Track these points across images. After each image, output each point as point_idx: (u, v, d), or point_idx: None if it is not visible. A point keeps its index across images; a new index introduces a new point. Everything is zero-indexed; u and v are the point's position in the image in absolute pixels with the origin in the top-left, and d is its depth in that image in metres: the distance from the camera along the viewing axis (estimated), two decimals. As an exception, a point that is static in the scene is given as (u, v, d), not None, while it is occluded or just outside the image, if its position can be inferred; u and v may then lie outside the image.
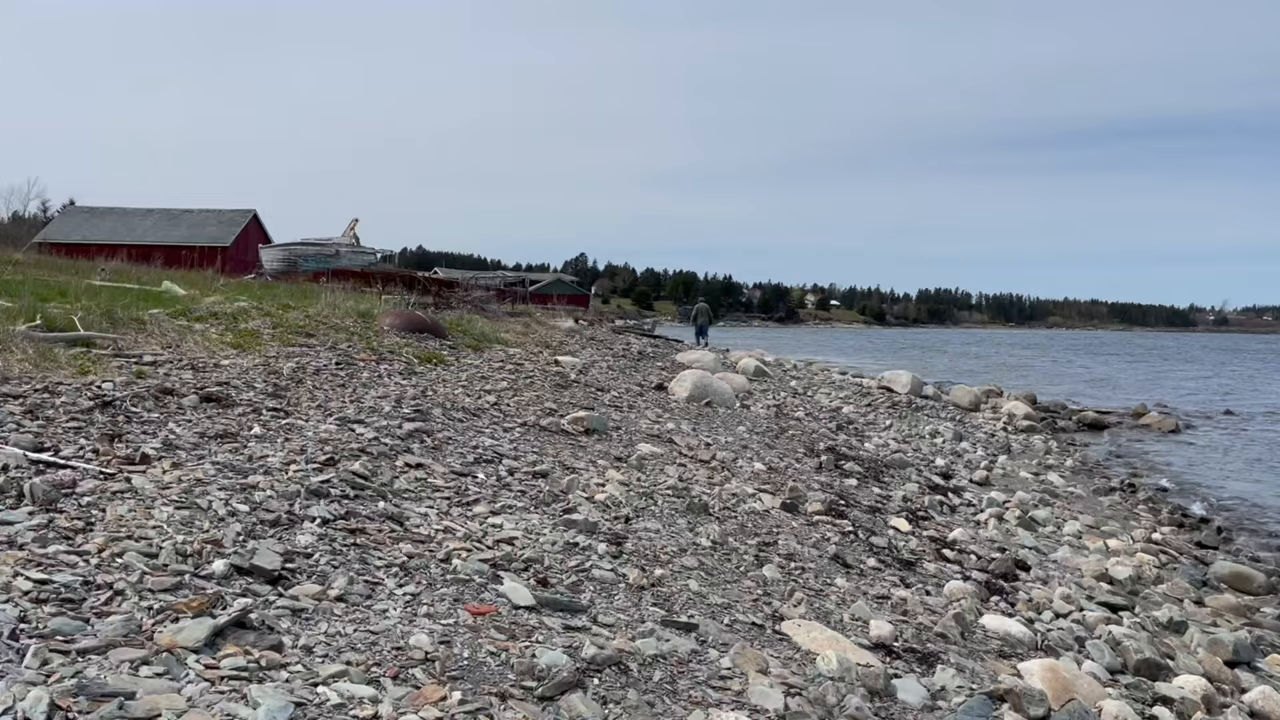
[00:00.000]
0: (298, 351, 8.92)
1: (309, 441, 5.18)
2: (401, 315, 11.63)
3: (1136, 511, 10.78)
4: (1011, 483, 11.50)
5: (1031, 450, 14.92)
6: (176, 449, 4.61)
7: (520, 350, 12.98)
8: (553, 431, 7.57)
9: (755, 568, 4.99)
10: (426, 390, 7.90)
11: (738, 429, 10.49)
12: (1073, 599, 6.27)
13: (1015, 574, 6.74)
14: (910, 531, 7.29)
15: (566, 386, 10.16)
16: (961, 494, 9.81)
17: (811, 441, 10.79)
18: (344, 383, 7.70)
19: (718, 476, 7.62)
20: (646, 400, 11.02)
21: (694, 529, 5.38)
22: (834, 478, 8.93)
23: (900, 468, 10.41)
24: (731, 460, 8.52)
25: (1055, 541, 8.40)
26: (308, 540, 3.55)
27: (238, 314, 10.45)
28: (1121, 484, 12.41)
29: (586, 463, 6.84)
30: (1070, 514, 9.88)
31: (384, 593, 3.29)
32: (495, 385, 8.99)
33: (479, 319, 15.59)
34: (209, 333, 9.30)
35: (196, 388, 6.26)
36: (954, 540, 7.40)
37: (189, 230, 46.63)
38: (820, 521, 6.88)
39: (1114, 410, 22.25)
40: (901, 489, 9.26)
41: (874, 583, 5.51)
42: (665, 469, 7.37)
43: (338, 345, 9.64)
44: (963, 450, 13.30)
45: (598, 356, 15.13)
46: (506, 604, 3.45)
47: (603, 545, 4.45)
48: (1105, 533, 9.18)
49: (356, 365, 8.72)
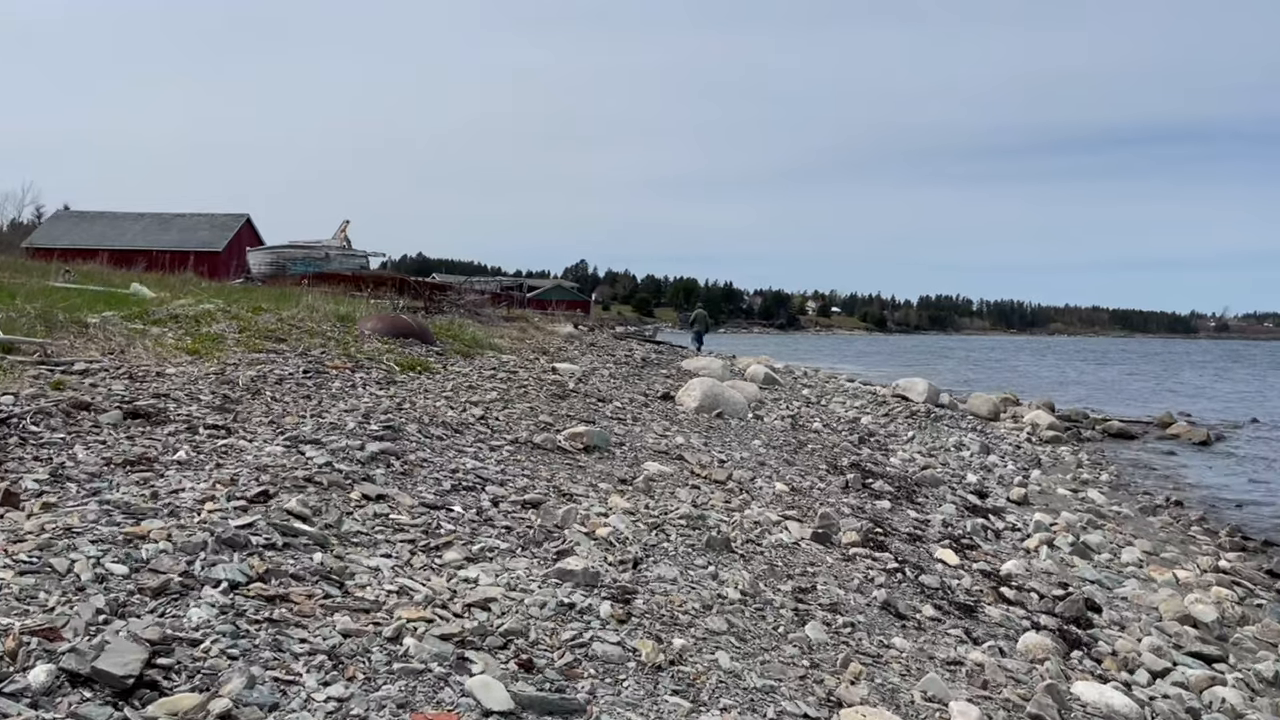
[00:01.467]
0: (263, 358, 7.96)
1: (245, 469, 4.21)
2: (384, 319, 10.66)
3: (1192, 534, 9.80)
4: (1051, 501, 10.51)
5: (1062, 463, 13.94)
6: (66, 481, 3.64)
7: (515, 357, 12.00)
8: (547, 449, 6.60)
9: (796, 626, 4.01)
10: (404, 402, 6.93)
11: (753, 443, 9.53)
12: (1163, 651, 5.29)
13: (1087, 617, 5.77)
14: (960, 565, 6.31)
15: (564, 397, 9.19)
16: (1003, 515, 8.83)
17: (834, 457, 9.82)
18: (310, 394, 6.73)
19: (736, 500, 6.65)
20: (652, 411, 10.05)
21: (717, 574, 4.40)
22: (864, 499, 7.95)
23: (933, 486, 9.44)
24: (749, 480, 7.55)
25: (1117, 572, 7.43)
26: (202, 616, 2.57)
27: (201, 317, 9.48)
28: (1167, 501, 11.43)
29: (586, 487, 5.87)
30: (1124, 538, 8.90)
31: (298, 699, 2.32)
32: (484, 396, 8.02)
33: (472, 324, 14.60)
34: (164, 337, 8.33)
35: (124, 401, 5.29)
36: (1009, 574, 6.43)
37: (180, 235, 45.61)
38: (858, 555, 5.91)
39: (1138, 419, 21.25)
40: (939, 511, 8.29)
41: (936, 638, 4.53)
42: (677, 492, 6.41)
43: (310, 351, 8.67)
44: (992, 464, 12.32)
45: (598, 363, 14.15)
46: (473, 709, 2.48)
47: (606, 605, 3.47)
48: (1167, 560, 8.21)
49: (328, 374, 7.75)
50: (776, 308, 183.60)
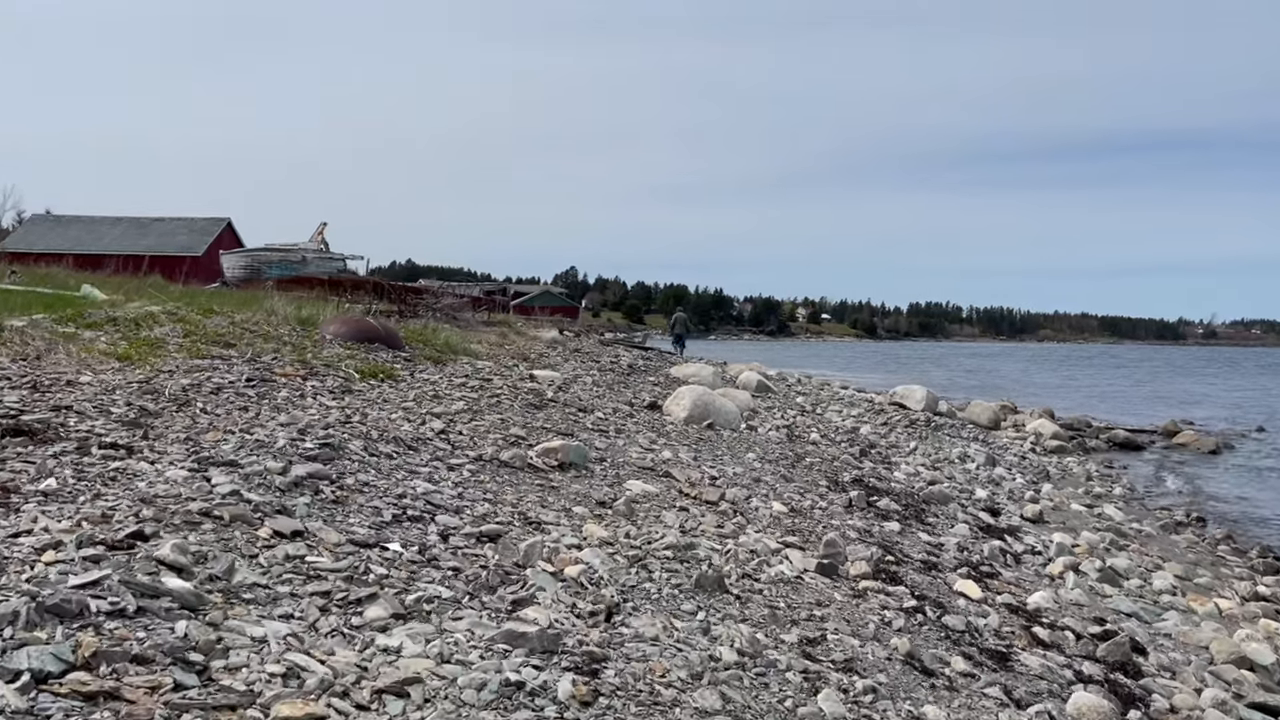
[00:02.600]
0: (205, 365, 7.16)
1: (127, 500, 3.42)
2: (349, 322, 9.86)
3: (1220, 554, 9.08)
4: (1067, 518, 9.78)
5: (1071, 476, 13.22)
6: (-122, 521, 2.85)
7: (491, 363, 11.21)
8: (516, 468, 5.83)
9: (807, 695, 3.24)
10: (355, 414, 6.13)
11: (746, 456, 8.76)
12: (1228, 706, 4.56)
13: (1134, 662, 5.02)
14: (983, 600, 5.56)
15: (541, 407, 8.41)
16: (1020, 536, 8.08)
17: (834, 471, 9.07)
18: (249, 405, 5.94)
19: (729, 525, 5.89)
20: (638, 422, 9.28)
21: (709, 628, 3.63)
22: (870, 520, 7.20)
23: (942, 503, 8.69)
24: (744, 499, 6.79)
25: (1153, 602, 6.69)
26: (-27, 734, 1.79)
27: (143, 319, 8.67)
28: (1188, 518, 10.71)
29: (558, 512, 5.11)
30: (1151, 560, 8.17)
31: None
32: (449, 406, 7.23)
33: (447, 329, 13.79)
34: (96, 342, 7.53)
35: (10, 415, 4.50)
36: (1039, 609, 5.68)
37: (158, 239, 44.59)
38: (870, 590, 5.15)
39: (1142, 428, 20.57)
40: (951, 532, 7.54)
41: (973, 701, 3.78)
42: (663, 515, 5.65)
43: (260, 357, 7.88)
44: (1000, 477, 11.59)
45: (581, 370, 13.37)
46: None
47: (567, 680, 2.70)
48: (1202, 586, 7.48)
49: (275, 382, 6.95)
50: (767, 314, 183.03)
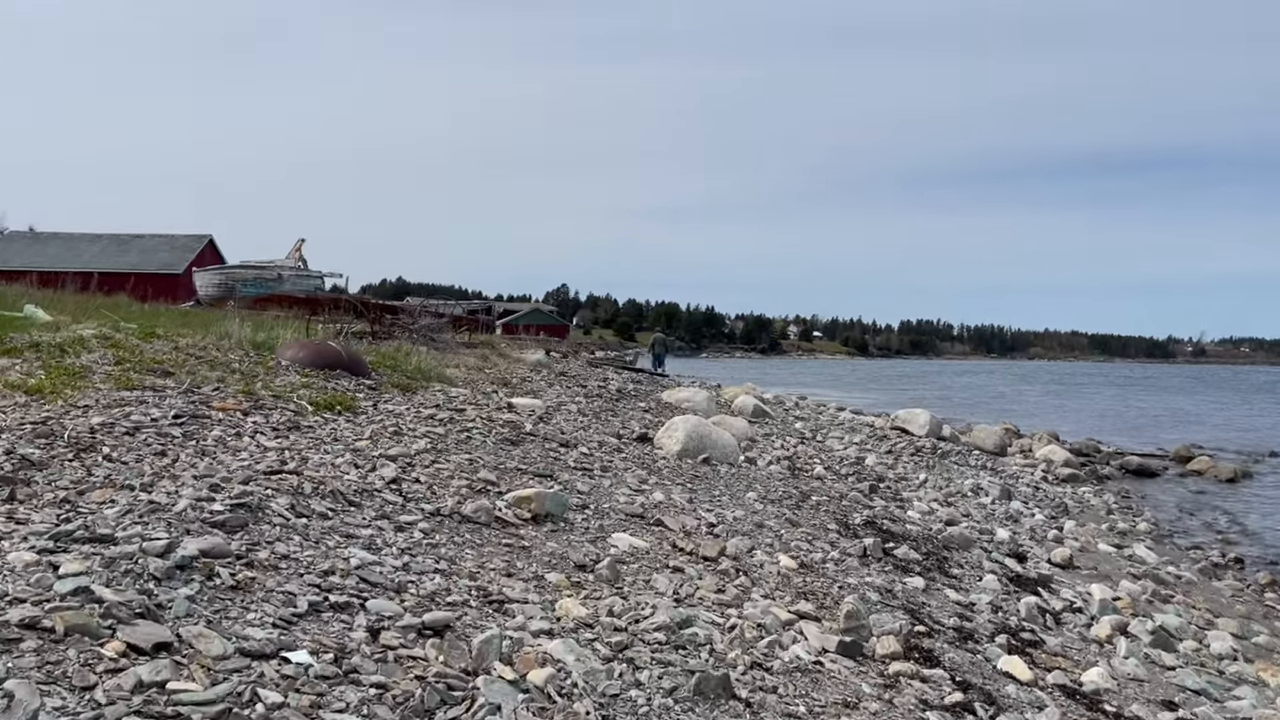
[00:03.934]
0: (131, 398, 6.25)
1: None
2: (308, 346, 8.97)
3: (1268, 603, 8.24)
4: (1097, 561, 8.91)
5: (1091, 509, 12.37)
6: None
7: (466, 391, 10.32)
8: (480, 523, 4.94)
9: None
10: (293, 459, 5.24)
11: (747, 496, 7.89)
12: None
13: (1225, 765, 4.14)
14: (1033, 682, 4.68)
15: (517, 442, 7.53)
16: (1054, 589, 7.21)
17: (843, 512, 8.19)
18: (167, 448, 5.03)
19: (731, 587, 5.03)
20: (626, 457, 8.39)
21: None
22: (890, 574, 6.32)
23: (964, 548, 7.82)
24: (747, 552, 5.92)
25: (1218, 673, 5.82)
26: None
27: (70, 344, 7.76)
28: (1225, 559, 9.87)
29: (527, 581, 4.23)
30: (1200, 614, 7.31)
31: None
32: (410, 446, 6.33)
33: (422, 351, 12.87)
34: (9, 372, 6.62)
35: None
36: (1098, 692, 4.80)
37: (139, 256, 43.58)
38: (903, 676, 4.28)
39: (1154, 454, 19.76)
40: (980, 586, 6.68)
41: None
42: (653, 579, 4.80)
43: (200, 388, 6.98)
44: (1017, 513, 10.74)
45: (566, 397, 12.47)
46: None
47: None
48: (1263, 649, 6.63)
49: (209, 418, 6.05)
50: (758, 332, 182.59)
